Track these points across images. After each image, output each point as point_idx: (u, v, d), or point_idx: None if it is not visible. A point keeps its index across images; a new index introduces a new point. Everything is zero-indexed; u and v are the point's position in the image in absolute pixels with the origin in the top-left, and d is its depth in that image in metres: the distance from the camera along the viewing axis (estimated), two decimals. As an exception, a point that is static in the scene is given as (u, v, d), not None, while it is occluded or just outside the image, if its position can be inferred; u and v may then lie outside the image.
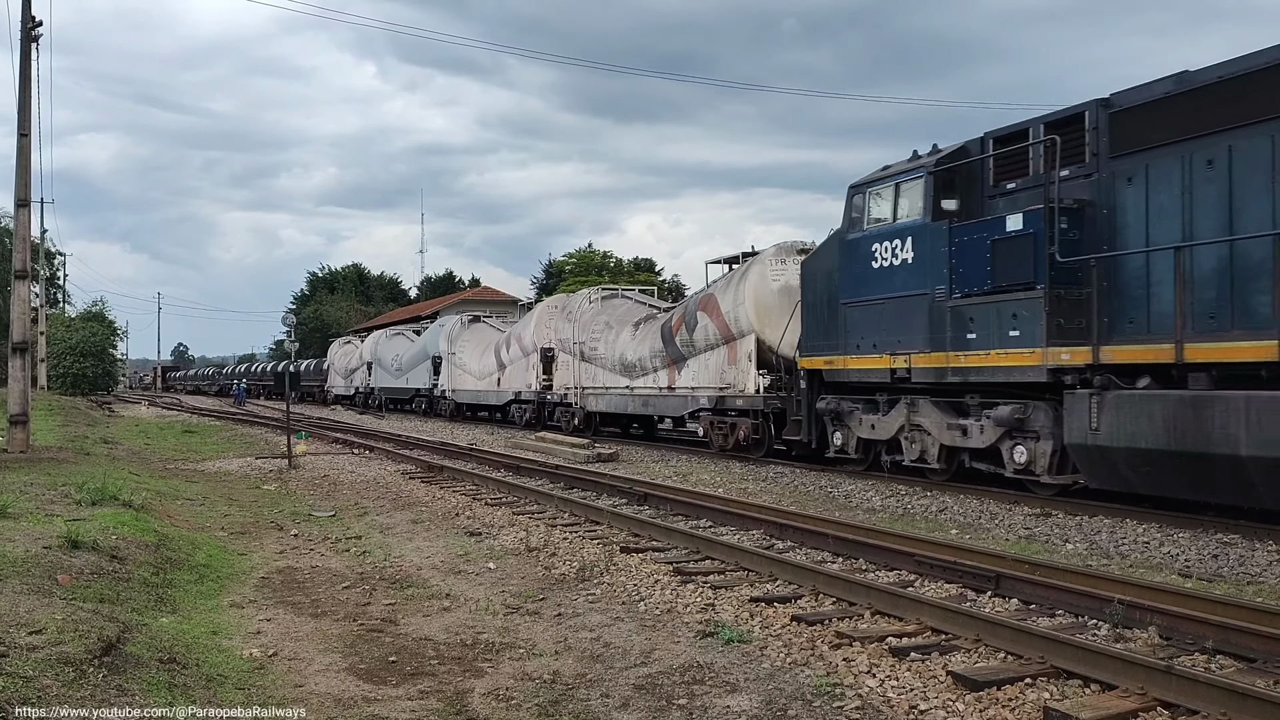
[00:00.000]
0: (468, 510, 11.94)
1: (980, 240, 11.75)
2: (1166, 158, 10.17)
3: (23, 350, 17.62)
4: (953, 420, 12.79)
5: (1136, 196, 10.50)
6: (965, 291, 12.04)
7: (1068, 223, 10.87)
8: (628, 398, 22.03)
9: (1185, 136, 9.98)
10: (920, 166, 12.97)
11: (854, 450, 14.72)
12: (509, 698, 5.15)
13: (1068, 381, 10.82)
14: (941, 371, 12.48)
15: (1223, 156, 9.63)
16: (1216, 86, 9.73)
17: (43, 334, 45.03)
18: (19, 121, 17.71)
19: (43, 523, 8.39)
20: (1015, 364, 11.34)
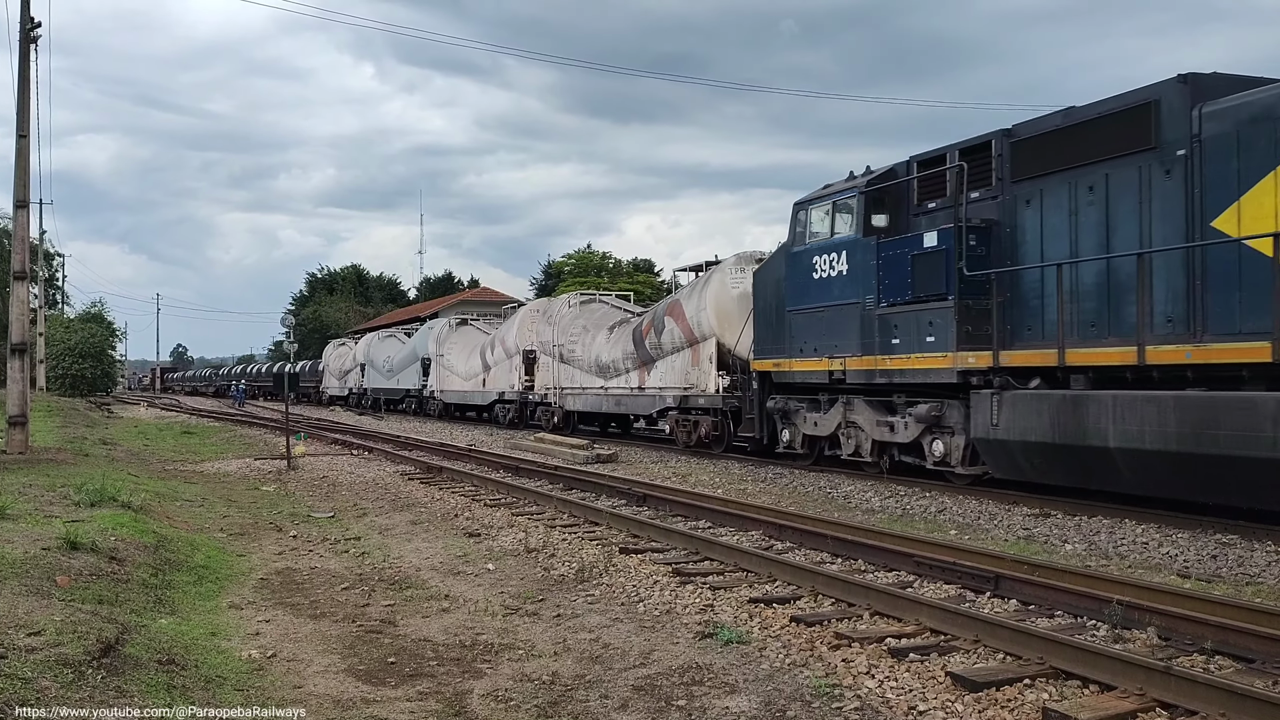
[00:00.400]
0: (467, 511, 11.94)
1: (903, 255, 12.92)
2: (1057, 183, 11.38)
3: (21, 351, 17.61)
4: (882, 418, 13.94)
5: (1033, 217, 11.71)
6: (891, 301, 13.25)
7: (976, 240, 12.04)
8: (602, 397, 23.12)
9: (1071, 165, 11.18)
10: (854, 187, 14.22)
11: (800, 446, 15.89)
12: (508, 699, 5.15)
13: (974, 382, 12.03)
14: (871, 373, 13.76)
15: (1101, 183, 10.85)
16: (1096, 121, 10.95)
17: (42, 335, 45.03)
18: (18, 122, 17.70)
19: (41, 524, 8.39)
20: (931, 366, 12.60)
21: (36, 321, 40.68)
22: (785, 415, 16.07)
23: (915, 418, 13.17)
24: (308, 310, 77.40)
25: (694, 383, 19.20)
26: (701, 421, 18.95)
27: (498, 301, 55.61)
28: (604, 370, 23.03)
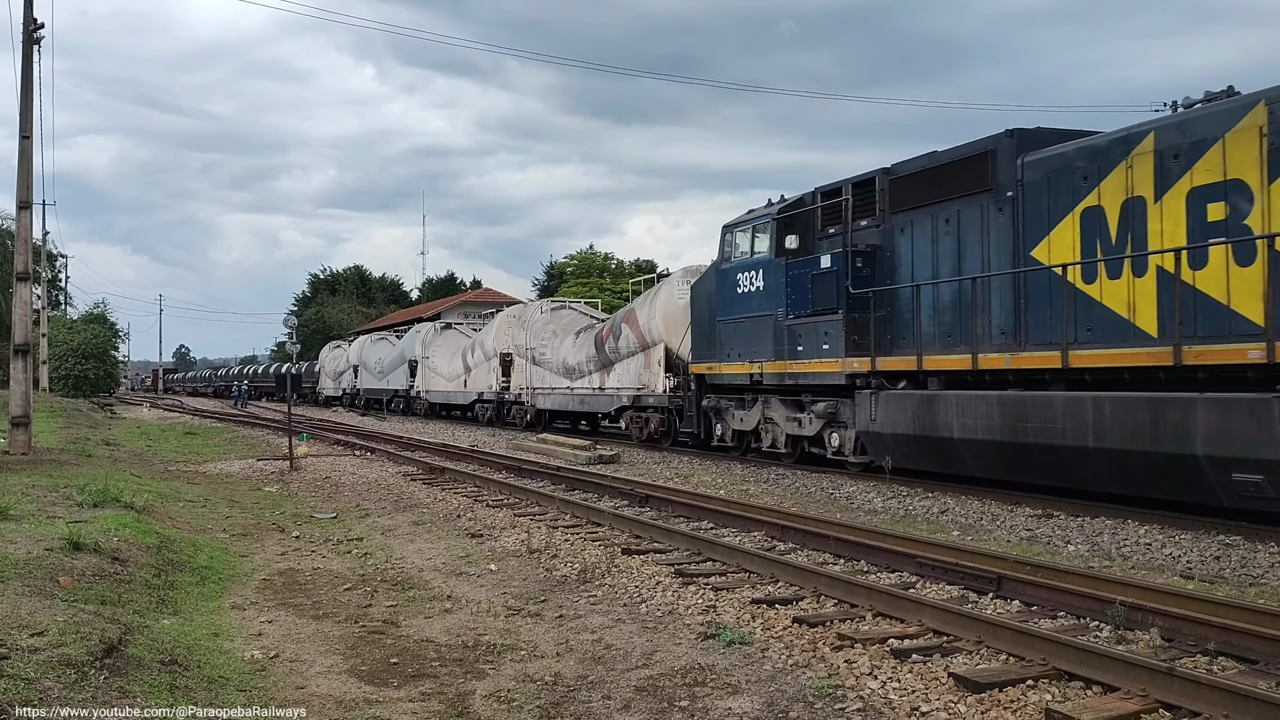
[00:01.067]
0: (469, 512, 11.94)
1: (805, 274, 14.92)
2: (923, 216, 13.28)
3: (24, 352, 17.63)
4: (792, 414, 15.88)
5: (906, 244, 13.59)
6: (797, 314, 15.20)
7: (862, 262, 14.03)
8: (569, 396, 25.13)
9: (933, 201, 13.08)
10: (769, 213, 16.14)
11: (730, 439, 17.82)
12: (510, 699, 5.15)
13: (858, 384, 13.96)
14: (782, 376, 15.74)
15: (954, 217, 12.76)
16: (950, 165, 12.87)
17: (44, 336, 45.04)
18: (20, 124, 17.74)
19: (44, 525, 8.39)
20: (826, 370, 14.59)
21: (39, 322, 40.70)
22: (718, 412, 17.99)
23: (816, 414, 15.13)
24: (310, 311, 77.45)
25: (646, 384, 21.17)
26: (651, 418, 21.04)
27: (499, 303, 55.62)
28: (570, 372, 24.87)
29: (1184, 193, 10.03)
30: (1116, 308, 10.65)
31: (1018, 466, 11.57)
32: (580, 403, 24.63)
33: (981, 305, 12.18)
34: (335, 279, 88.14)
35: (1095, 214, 10.95)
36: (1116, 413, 10.23)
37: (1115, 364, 10.45)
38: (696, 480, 15.13)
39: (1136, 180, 10.51)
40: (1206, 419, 9.38)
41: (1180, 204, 10.05)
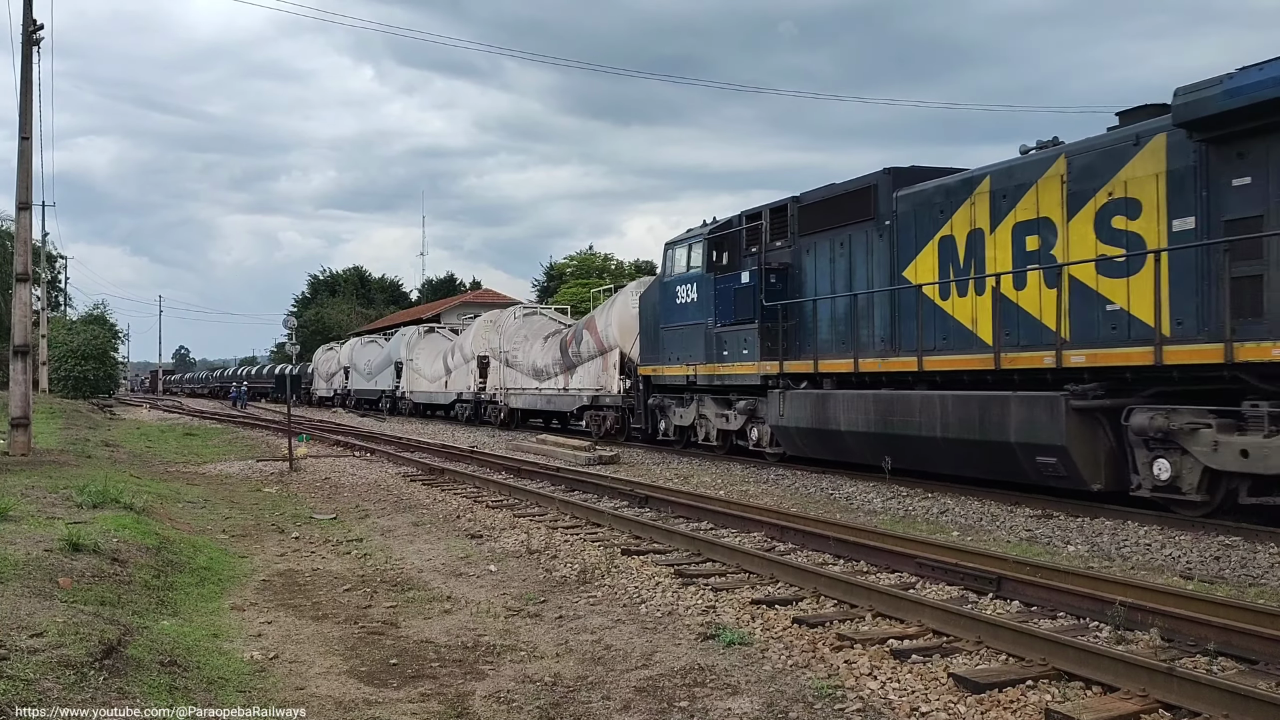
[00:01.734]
0: (469, 513, 11.94)
1: (730, 288, 16.93)
2: (823, 239, 15.32)
3: (24, 353, 17.62)
4: (721, 411, 17.96)
5: (811, 263, 15.60)
6: (723, 323, 17.19)
7: (775, 279, 16.00)
8: (537, 396, 27.06)
9: (830, 227, 15.15)
10: (702, 234, 18.20)
11: (672, 434, 19.77)
12: (510, 700, 5.15)
13: (771, 384, 15.90)
14: (711, 377, 17.80)
15: (846, 241, 14.84)
16: (842, 197, 14.99)
17: (44, 337, 45.03)
18: (20, 125, 17.73)
19: (44, 526, 8.39)
20: (745, 372, 16.63)
21: (39, 324, 40.70)
22: (662, 410, 20.05)
23: (739, 411, 17.27)
24: (310, 312, 77.41)
25: (603, 385, 23.09)
26: (608, 416, 22.95)
27: (499, 303, 55.63)
28: (539, 374, 26.86)
29: (1010, 226, 12.15)
30: (964, 320, 12.77)
31: (889, 453, 13.48)
32: (547, 402, 26.51)
33: (865, 317, 14.43)
34: (335, 280, 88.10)
35: (949, 242, 13.01)
36: (956, 408, 12.25)
37: (956, 368, 12.59)
38: (696, 481, 15.13)
39: (977, 215, 12.59)
40: (1017, 413, 11.36)
41: (1008, 235, 12.17)
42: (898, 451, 13.29)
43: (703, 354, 17.85)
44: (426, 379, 36.14)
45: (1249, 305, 9.46)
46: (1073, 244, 11.28)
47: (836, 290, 14.94)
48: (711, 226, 18.01)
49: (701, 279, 17.94)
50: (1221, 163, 9.74)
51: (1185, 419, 9.92)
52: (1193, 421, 9.86)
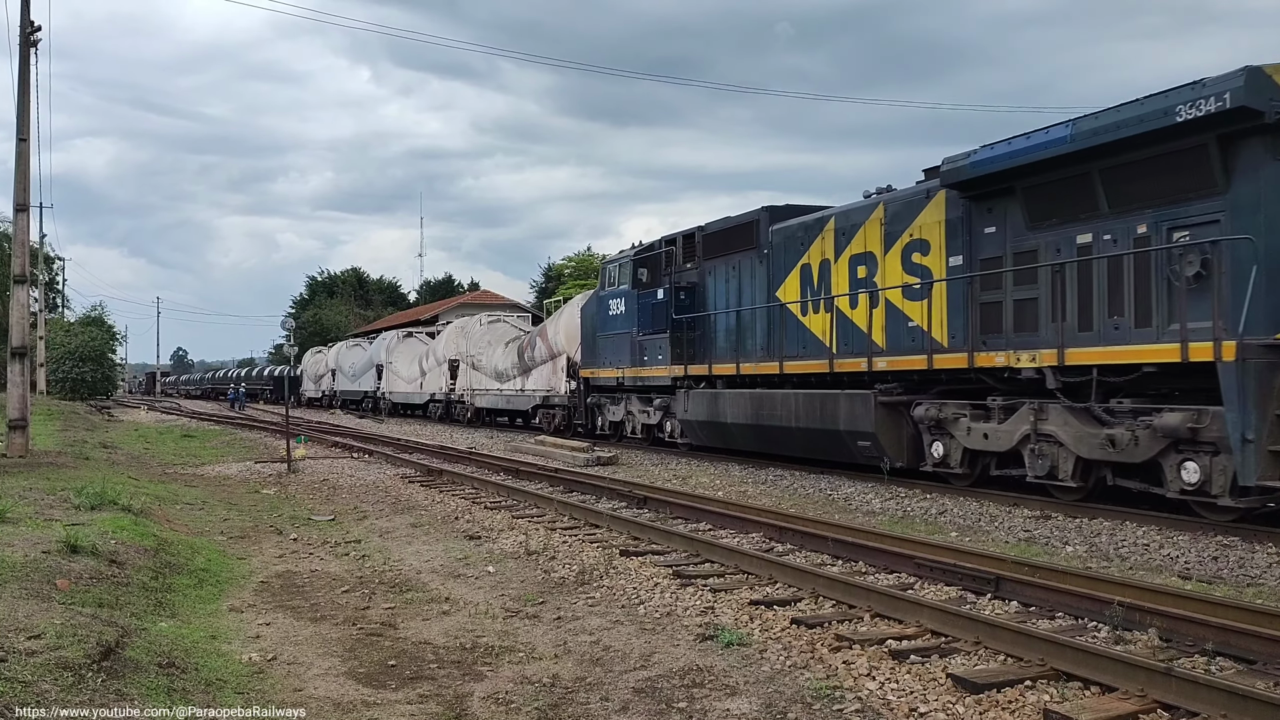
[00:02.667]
0: (467, 514, 11.94)
1: (649, 303, 19.64)
2: (721, 263, 18.10)
3: (22, 355, 17.61)
4: (644, 408, 20.80)
5: (713, 283, 18.37)
6: (644, 332, 19.89)
7: (684, 295, 18.78)
8: (499, 396, 29.77)
9: (725, 253, 17.94)
10: (629, 256, 20.99)
11: (607, 429, 22.46)
12: (508, 701, 5.14)
13: (679, 385, 18.81)
14: (635, 379, 20.59)
15: (737, 266, 17.58)
16: (734, 229, 17.73)
17: (42, 339, 45.01)
18: (18, 126, 17.71)
19: (42, 527, 8.38)
20: (660, 374, 19.56)
21: (37, 325, 40.66)
22: (599, 407, 22.81)
23: (656, 408, 20.37)
24: (308, 313, 77.39)
25: (553, 386, 25.81)
26: (556, 413, 25.62)
27: (498, 305, 55.71)
28: (500, 376, 29.58)
29: (848, 258, 14.93)
30: (816, 332, 15.49)
31: (762, 441, 16.53)
32: (507, 401, 29.31)
33: (748, 329, 17.23)
34: (333, 281, 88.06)
35: (807, 269, 15.82)
36: (804, 404, 15.18)
37: (807, 371, 15.53)
38: (694, 482, 15.13)
39: (826, 247, 15.38)
40: (844, 407, 14.27)
41: (846, 265, 14.98)
42: (768, 439, 16.31)
43: (629, 359, 20.65)
44: (404, 380, 38.66)
45: (991, 324, 12.36)
46: (887, 273, 14.06)
47: (729, 306, 17.74)
48: (637, 250, 21.03)
49: (628, 294, 20.66)
50: (978, 215, 12.59)
51: (951, 410, 12.84)
52: (955, 412, 12.76)
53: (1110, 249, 10.89)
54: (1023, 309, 11.94)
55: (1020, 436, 11.73)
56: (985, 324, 12.38)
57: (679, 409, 18.72)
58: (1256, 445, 9.11)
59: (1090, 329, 11.08)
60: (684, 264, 19.21)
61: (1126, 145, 10.38)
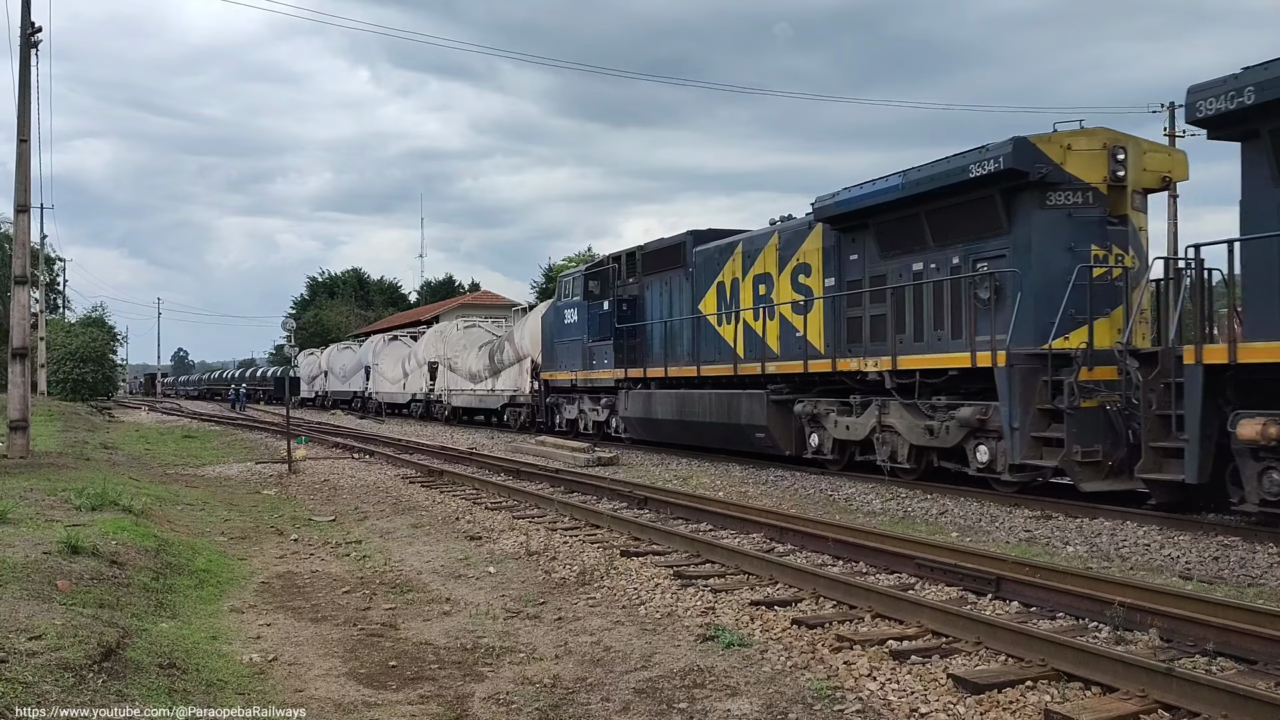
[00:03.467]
0: (468, 515, 11.94)
1: (597, 313, 22.12)
2: (656, 279, 20.66)
3: (22, 356, 17.62)
4: (594, 407, 23.23)
5: (650, 296, 20.93)
6: (593, 339, 22.39)
7: (626, 307, 21.29)
8: (472, 396, 32.07)
9: (659, 270, 20.57)
10: (581, 271, 23.95)
11: (564, 425, 24.75)
12: (509, 702, 5.14)
13: (621, 386, 21.27)
14: (587, 381, 23.10)
15: (669, 282, 20.17)
16: (666, 249, 20.46)
17: (43, 339, 45.00)
18: (19, 127, 17.72)
19: (42, 528, 8.39)
20: (606, 377, 22.03)
21: (37, 326, 40.68)
22: (556, 406, 25.29)
23: (603, 406, 22.74)
24: (309, 314, 77.40)
25: (519, 387, 28.23)
26: (521, 412, 28.17)
27: (498, 305, 55.73)
28: (474, 377, 31.87)
29: (752, 277, 17.38)
30: (728, 340, 17.92)
31: (685, 434, 19.28)
32: (479, 401, 31.67)
33: (677, 337, 19.76)
34: (334, 282, 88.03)
35: (722, 285, 18.30)
36: (715, 402, 17.78)
37: (718, 374, 17.96)
38: (695, 482, 15.13)
39: (737, 268, 17.81)
40: (745, 405, 16.86)
41: (751, 283, 17.43)
42: (690, 433, 19.00)
43: (581, 363, 23.09)
44: (389, 381, 41.12)
45: (854, 335, 14.88)
46: (781, 291, 16.61)
47: (662, 317, 20.29)
48: (588, 266, 24.30)
49: (580, 305, 23.09)
50: (845, 244, 15.15)
51: (823, 407, 15.38)
52: (826, 408, 15.30)
53: (935, 275, 13.54)
54: (877, 323, 14.46)
55: (870, 428, 14.25)
56: (850, 335, 14.99)
57: (621, 407, 21.25)
58: (1022, 432, 11.69)
59: (923, 340, 13.64)
60: (626, 279, 21.69)
61: (941, 194, 12.94)
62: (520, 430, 27.33)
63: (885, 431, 13.96)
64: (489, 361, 30.45)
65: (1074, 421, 11.27)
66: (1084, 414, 11.32)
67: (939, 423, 12.98)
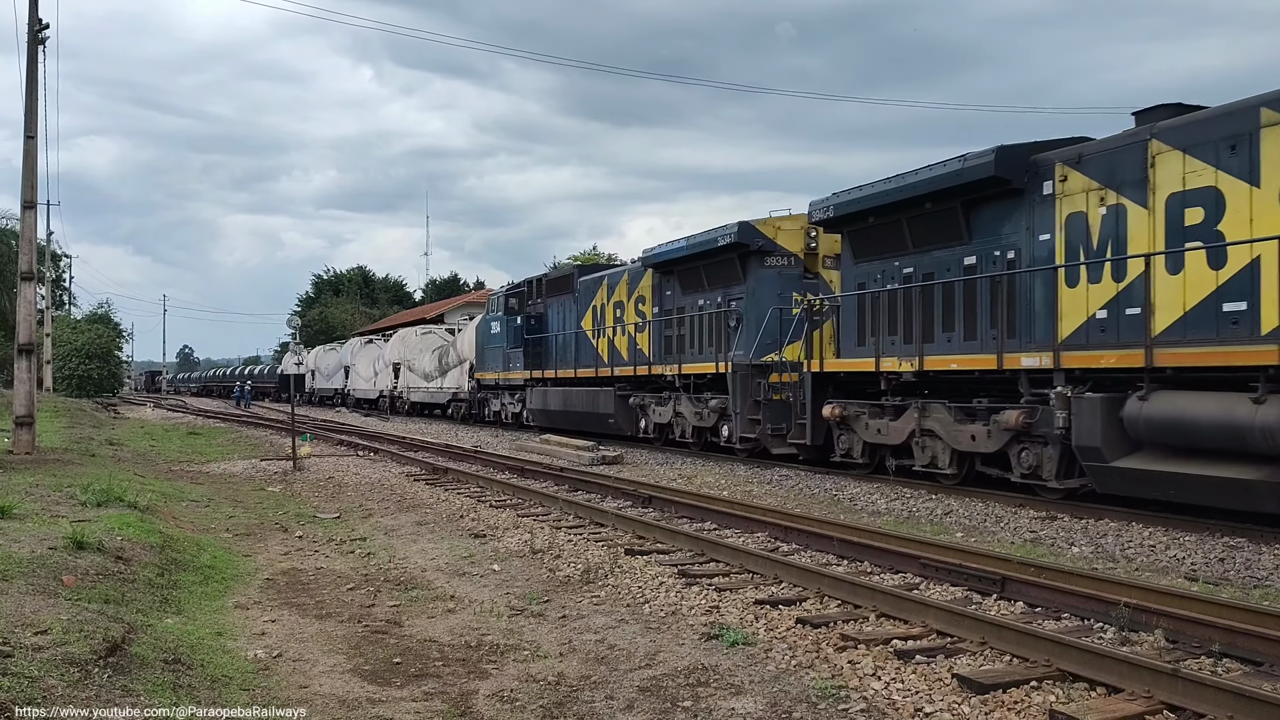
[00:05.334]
0: (472, 512, 11.94)
1: (513, 326, 27.75)
2: (556, 301, 26.18)
3: (28, 352, 17.66)
4: (511, 400, 28.79)
5: (551, 314, 26.40)
6: (511, 347, 27.92)
7: (534, 322, 26.91)
8: (425, 392, 37.94)
9: (556, 294, 26.10)
10: (504, 292, 29.45)
11: (490, 417, 30.44)
12: (513, 699, 5.14)
13: (529, 384, 26.66)
14: (508, 380, 28.53)
15: (563, 303, 25.64)
16: (560, 278, 26.39)
17: (48, 336, 45.12)
18: (25, 124, 17.76)
19: (48, 524, 8.41)
20: (519, 377, 27.46)
21: (43, 322, 40.76)
22: (485, 401, 31.10)
23: (517, 400, 28.25)
24: (314, 312, 77.46)
25: (461, 385, 34.15)
26: (463, 405, 33.61)
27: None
28: (427, 377, 37.71)
29: (613, 303, 22.97)
30: (599, 350, 23.55)
31: (568, 421, 24.21)
32: (430, 396, 37.44)
33: (566, 347, 25.35)
34: (339, 280, 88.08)
35: (595, 308, 23.94)
36: (585, 396, 23.33)
37: (589, 375, 23.40)
38: (700, 481, 15.12)
39: (604, 296, 23.59)
40: (602, 398, 22.36)
41: (612, 308, 23.09)
42: (571, 420, 24.11)
43: (502, 365, 28.79)
44: (363, 379, 46.63)
45: (670, 349, 20.38)
46: (629, 315, 22.31)
47: (557, 331, 26.06)
48: (507, 287, 29.81)
49: (502, 319, 28.84)
50: (664, 284, 20.97)
51: (649, 399, 20.99)
52: (649, 400, 20.95)
53: (708, 309, 19.22)
54: (677, 341, 20.19)
55: (674, 413, 20.00)
56: (666, 349, 20.59)
57: (529, 401, 26.87)
58: (741, 416, 17.16)
59: (701, 353, 19.29)
60: (535, 299, 27.37)
61: (706, 254, 18.84)
62: (463, 421, 33.15)
63: (678, 416, 19.90)
64: (439, 363, 36.81)
65: (767, 409, 16.58)
66: (774, 404, 16.50)
67: (705, 409, 18.69)
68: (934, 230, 13.43)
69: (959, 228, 13.05)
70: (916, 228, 13.71)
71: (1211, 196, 9.98)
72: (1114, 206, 11.04)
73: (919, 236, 13.70)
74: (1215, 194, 9.94)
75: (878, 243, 14.53)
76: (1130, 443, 10.29)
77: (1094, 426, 10.47)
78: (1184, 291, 10.19)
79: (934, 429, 13.05)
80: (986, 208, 12.71)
